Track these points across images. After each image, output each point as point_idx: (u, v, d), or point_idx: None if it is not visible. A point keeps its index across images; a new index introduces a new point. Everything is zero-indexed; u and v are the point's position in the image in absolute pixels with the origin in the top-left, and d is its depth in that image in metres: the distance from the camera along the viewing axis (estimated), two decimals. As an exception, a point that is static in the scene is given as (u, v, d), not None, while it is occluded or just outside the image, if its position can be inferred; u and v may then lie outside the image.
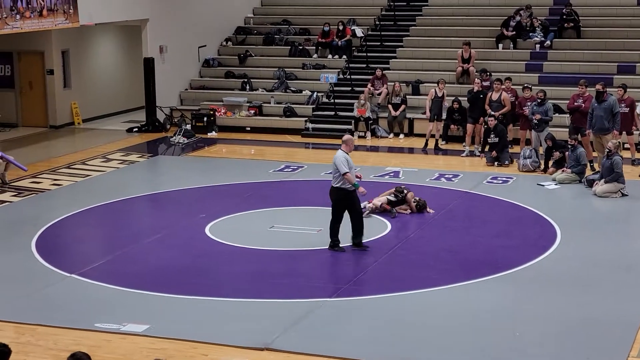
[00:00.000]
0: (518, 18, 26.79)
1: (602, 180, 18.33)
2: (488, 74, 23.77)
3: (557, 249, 14.90)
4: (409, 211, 17.00)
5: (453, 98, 23.53)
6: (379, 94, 25.37)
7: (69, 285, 13.33)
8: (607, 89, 20.20)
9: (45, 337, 11.45)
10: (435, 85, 23.77)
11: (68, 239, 16.11)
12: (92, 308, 12.40)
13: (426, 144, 23.11)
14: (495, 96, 22.34)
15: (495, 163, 21.01)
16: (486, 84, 23.32)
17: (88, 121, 27.58)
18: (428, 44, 27.69)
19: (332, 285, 13.17)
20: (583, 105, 20.53)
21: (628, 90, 21.10)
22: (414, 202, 17.05)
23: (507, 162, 20.94)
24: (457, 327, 11.72)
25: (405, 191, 17.16)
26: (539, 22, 26.71)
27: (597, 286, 13.21)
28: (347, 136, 15.14)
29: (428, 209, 17.05)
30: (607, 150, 18.51)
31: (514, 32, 26.61)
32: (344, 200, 14.56)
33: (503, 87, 22.51)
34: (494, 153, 21.01)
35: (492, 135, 21.12)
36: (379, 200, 17.00)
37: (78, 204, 17.85)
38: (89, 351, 7.91)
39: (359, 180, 14.69)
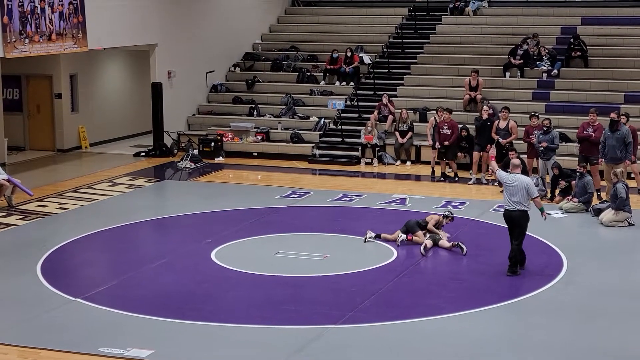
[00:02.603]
0: (525, 47, 26.83)
1: (610, 208, 18.30)
2: (488, 102, 23.83)
3: (563, 277, 14.86)
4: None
5: (461, 126, 23.48)
6: (386, 116, 25.40)
7: (73, 309, 13.30)
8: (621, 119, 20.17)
9: (49, 361, 11.44)
10: (435, 113, 23.85)
11: (73, 262, 16.08)
12: (97, 332, 12.37)
13: (433, 172, 23.10)
14: (502, 124, 22.32)
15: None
16: (492, 111, 23.35)
17: (95, 145, 27.65)
18: (435, 72, 27.77)
19: (336, 312, 13.12)
20: (593, 134, 20.42)
21: (636, 120, 21.09)
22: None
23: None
24: (462, 355, 11.65)
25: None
26: (547, 51, 26.75)
27: (603, 316, 13.15)
28: (518, 160, 16.11)
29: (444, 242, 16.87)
30: (615, 176, 18.55)
31: (521, 61, 26.65)
32: (524, 222, 14.94)
33: (511, 114, 22.52)
34: None
35: None
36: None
37: (84, 228, 17.86)
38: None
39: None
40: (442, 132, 22.89)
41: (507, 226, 15.23)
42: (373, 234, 16.87)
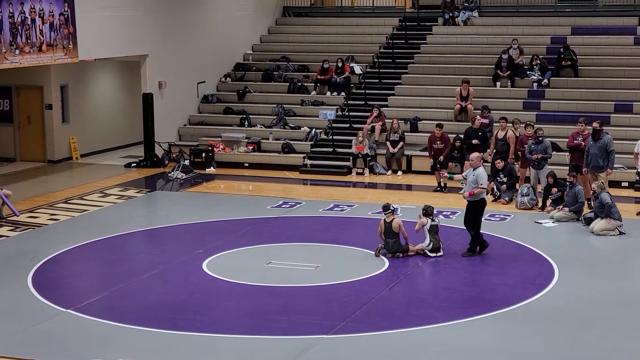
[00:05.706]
0: (505, 56, 26.81)
1: (599, 218, 18.33)
2: (488, 111, 23.84)
3: (554, 287, 14.87)
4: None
5: (454, 136, 23.44)
6: (373, 130, 25.43)
7: (65, 321, 13.27)
8: (603, 128, 20.24)
9: (40, 373, 11.40)
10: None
11: (64, 274, 16.04)
12: (88, 343, 12.34)
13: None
14: (501, 134, 22.18)
15: (493, 198, 21.00)
16: (485, 121, 23.38)
17: (86, 156, 27.60)
18: (426, 82, 27.81)
19: (328, 322, 13.11)
20: (583, 143, 20.49)
21: (626, 129, 21.13)
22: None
23: (506, 199, 20.95)
24: (454, 365, 11.68)
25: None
26: (539, 61, 26.71)
27: (594, 324, 13.16)
28: (475, 153, 17.53)
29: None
30: (593, 191, 18.61)
31: (509, 72, 26.66)
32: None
33: (509, 125, 22.46)
34: (504, 187, 21.10)
35: (500, 175, 21.14)
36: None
37: (75, 239, 17.82)
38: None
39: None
40: (435, 147, 22.85)
41: (473, 213, 16.83)
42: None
